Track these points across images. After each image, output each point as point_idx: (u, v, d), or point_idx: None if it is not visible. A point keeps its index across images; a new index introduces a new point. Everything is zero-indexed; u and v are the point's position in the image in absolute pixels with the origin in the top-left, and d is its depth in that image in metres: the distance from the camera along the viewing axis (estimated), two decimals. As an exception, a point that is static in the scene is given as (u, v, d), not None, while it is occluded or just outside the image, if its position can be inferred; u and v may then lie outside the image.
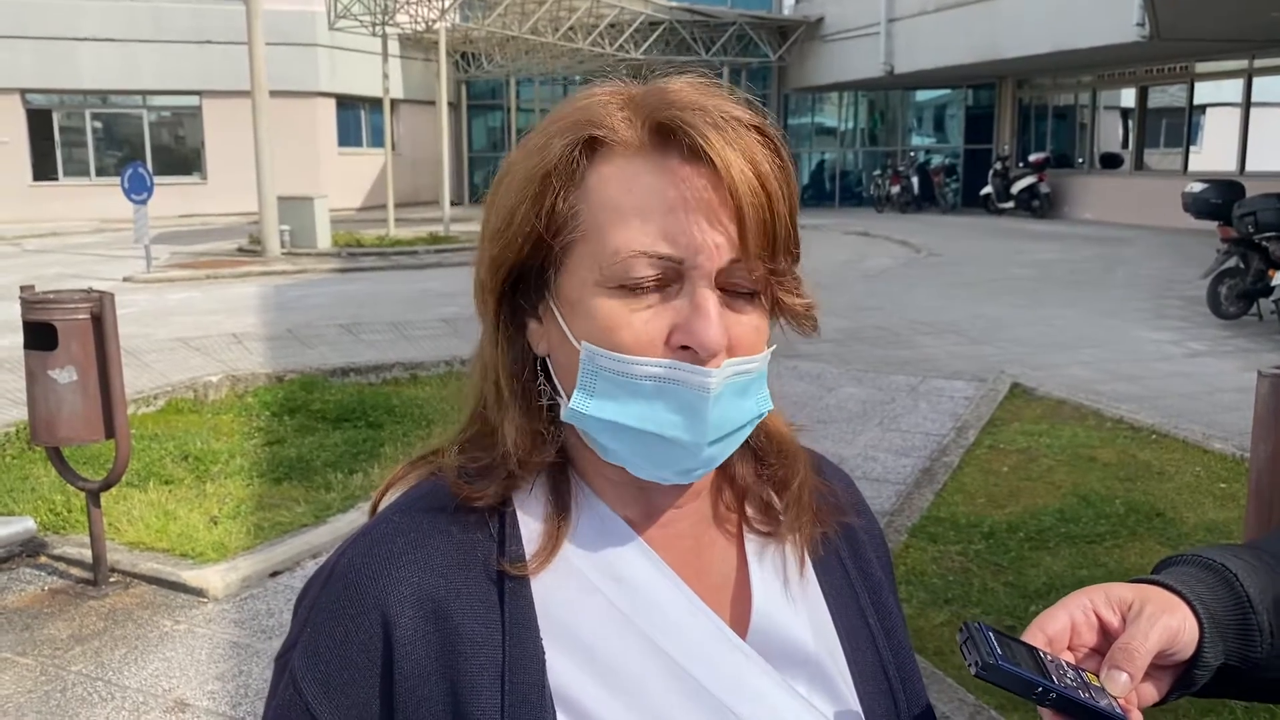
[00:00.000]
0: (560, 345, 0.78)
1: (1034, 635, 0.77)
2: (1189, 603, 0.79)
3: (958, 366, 8.52)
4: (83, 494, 4.65)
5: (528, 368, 0.82)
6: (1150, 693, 0.78)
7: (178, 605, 4.33)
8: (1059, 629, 0.78)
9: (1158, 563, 0.87)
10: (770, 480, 0.88)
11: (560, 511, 0.81)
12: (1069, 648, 0.78)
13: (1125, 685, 0.74)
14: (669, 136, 0.74)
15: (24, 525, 4.86)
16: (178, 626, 4.15)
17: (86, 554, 4.59)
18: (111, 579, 4.53)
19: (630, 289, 0.74)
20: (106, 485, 4.55)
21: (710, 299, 0.74)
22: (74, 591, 4.48)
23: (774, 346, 0.80)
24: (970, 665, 0.72)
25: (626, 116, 0.76)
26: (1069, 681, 0.72)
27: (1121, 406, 7.12)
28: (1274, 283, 9.39)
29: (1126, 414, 6.90)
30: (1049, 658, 0.74)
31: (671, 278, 0.74)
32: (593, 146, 0.75)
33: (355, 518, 5.14)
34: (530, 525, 0.81)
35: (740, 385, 0.76)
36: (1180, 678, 0.79)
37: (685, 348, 0.74)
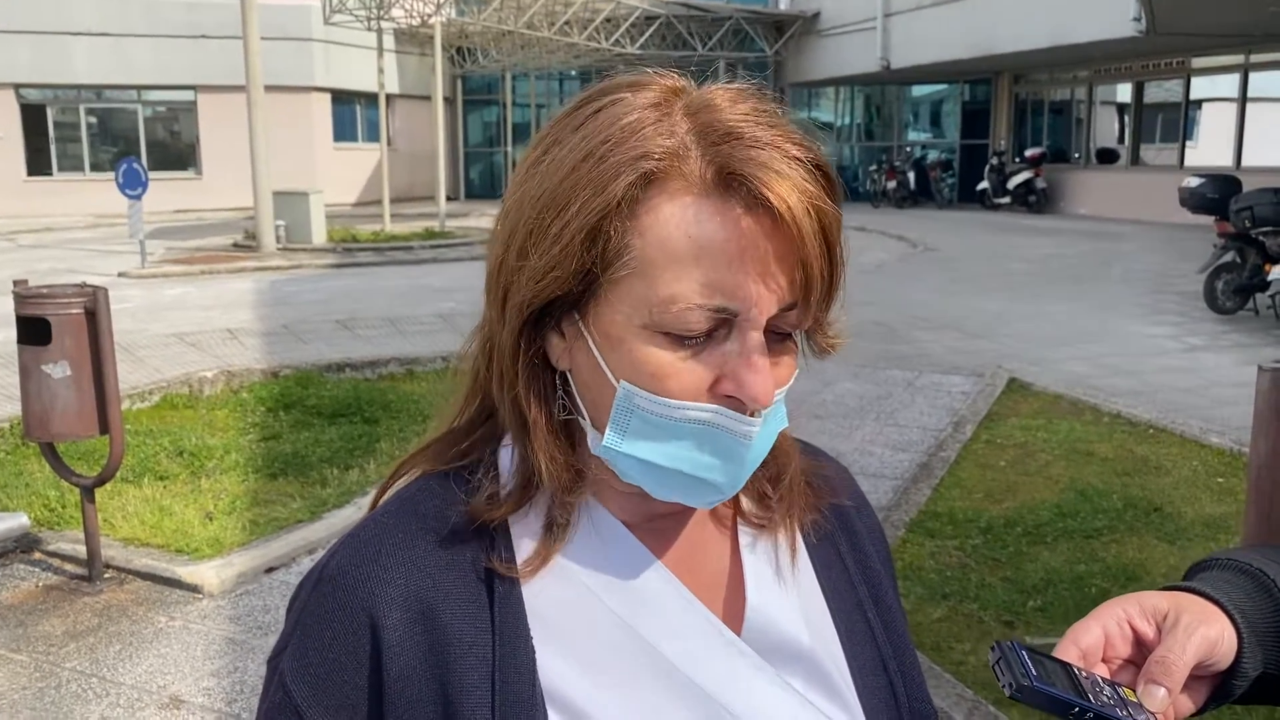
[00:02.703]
0: (589, 371, 0.75)
1: (1067, 649, 0.75)
2: (1226, 611, 0.76)
3: (955, 361, 8.51)
4: (77, 490, 4.63)
5: (548, 384, 0.79)
6: (1186, 704, 0.76)
7: (172, 601, 4.32)
8: (1092, 642, 0.75)
9: (1190, 566, 0.85)
10: (764, 473, 0.87)
11: (554, 518, 0.79)
12: (1103, 659, 0.76)
13: (1163, 700, 0.72)
14: (733, 178, 0.70)
15: (18, 521, 4.85)
16: (173, 623, 4.13)
17: (81, 550, 4.57)
18: (106, 575, 4.52)
19: (679, 337, 0.71)
20: (101, 481, 4.54)
21: (759, 350, 0.72)
22: (68, 588, 4.46)
23: (796, 372, 0.78)
24: (1004, 687, 0.70)
25: (689, 146, 0.71)
26: (1105, 699, 0.70)
27: (1119, 401, 7.12)
28: (1271, 277, 9.40)
29: (1124, 409, 6.90)
30: (1084, 674, 0.72)
31: (719, 325, 0.72)
32: (648, 179, 0.70)
33: (351, 513, 5.12)
34: (524, 529, 0.80)
35: (769, 415, 0.75)
36: (1217, 688, 0.77)
37: (729, 395, 0.72)
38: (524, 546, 0.79)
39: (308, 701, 0.77)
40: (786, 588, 0.85)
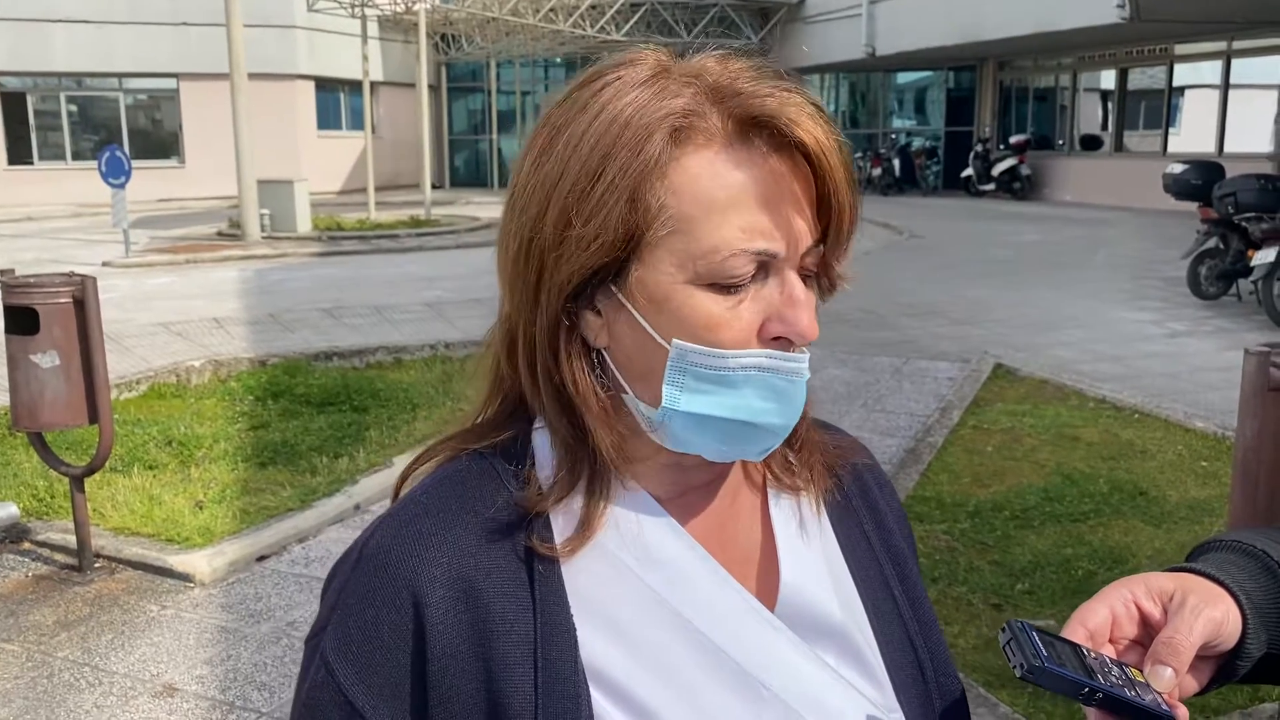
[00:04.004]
0: (633, 340, 0.76)
1: (1075, 630, 0.76)
2: (1231, 592, 0.77)
3: (941, 348, 8.55)
4: (66, 479, 4.62)
5: (590, 364, 0.79)
6: (1191, 684, 0.77)
7: (164, 590, 4.31)
8: (1100, 623, 0.77)
9: (1194, 547, 0.86)
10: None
11: (593, 498, 0.80)
12: (1109, 640, 0.77)
13: (1170, 681, 0.74)
14: (757, 127, 0.73)
15: (7, 511, 4.83)
16: (164, 612, 4.13)
17: (71, 540, 4.56)
18: (97, 565, 4.51)
19: (725, 286, 0.74)
20: (90, 470, 4.52)
21: (800, 286, 0.75)
22: (59, 578, 4.46)
23: None
24: (1015, 667, 0.71)
25: (703, 103, 0.74)
26: (1114, 679, 0.72)
27: (1104, 386, 7.17)
28: (1253, 263, 9.44)
29: (1109, 394, 6.95)
30: (1092, 654, 0.74)
31: (758, 269, 0.74)
32: (675, 136, 0.73)
33: (341, 502, 5.13)
34: (562, 509, 0.80)
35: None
36: (1221, 668, 0.78)
37: (777, 337, 0.75)
38: (562, 526, 0.80)
39: (351, 680, 0.77)
40: (815, 555, 0.86)
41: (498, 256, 0.81)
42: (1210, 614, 0.75)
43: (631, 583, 0.79)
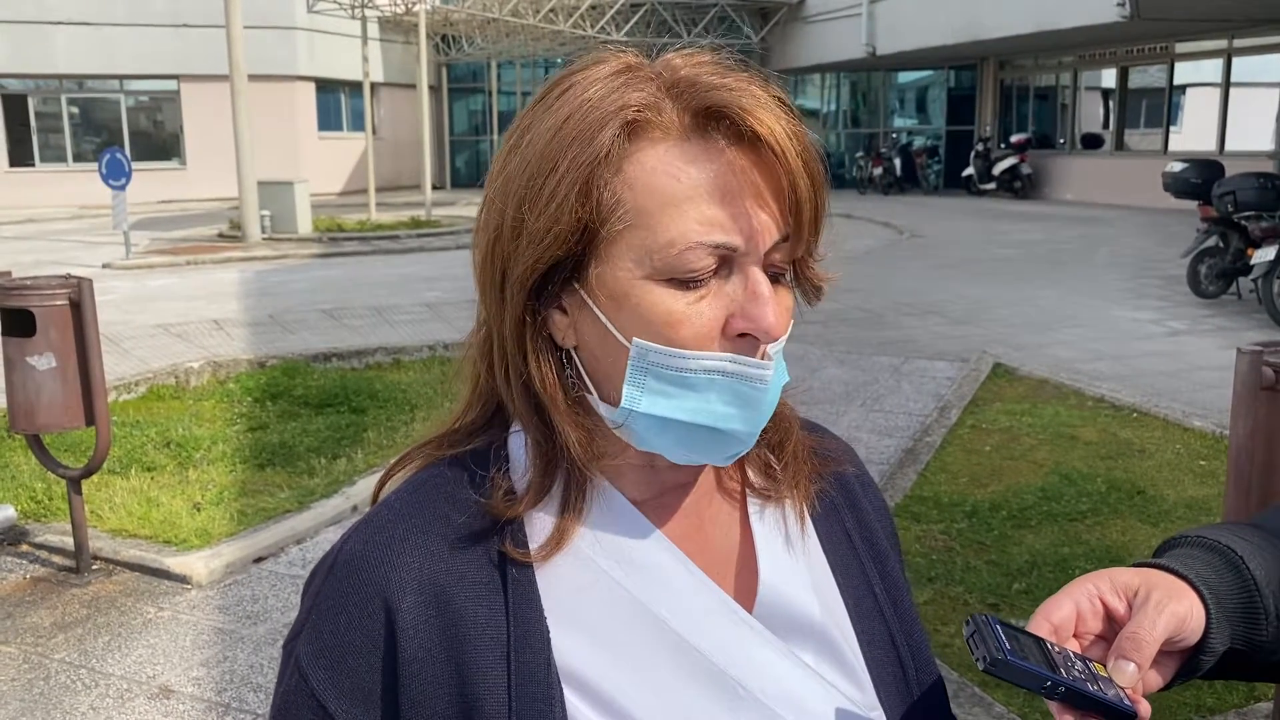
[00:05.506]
0: (598, 339, 0.76)
1: (1039, 624, 0.76)
2: (1195, 588, 0.77)
3: (940, 347, 8.55)
4: (63, 481, 4.62)
5: (556, 363, 0.79)
6: (1155, 679, 0.77)
7: (161, 592, 4.32)
8: (1064, 617, 0.77)
9: (1160, 544, 0.86)
10: (767, 443, 0.88)
11: (568, 502, 0.80)
12: (1074, 635, 0.77)
13: (1133, 675, 0.73)
14: (714, 120, 0.72)
15: (4, 513, 4.83)
16: (161, 613, 4.13)
17: (68, 542, 4.56)
18: (94, 566, 4.51)
19: (684, 281, 0.72)
20: (88, 472, 4.53)
21: (764, 282, 0.73)
22: (56, 579, 4.46)
23: (792, 324, 0.80)
24: (978, 660, 0.71)
25: (661, 98, 0.73)
26: (1077, 673, 0.72)
27: (1102, 385, 7.16)
28: (1253, 261, 9.44)
29: (1108, 393, 6.95)
30: (1056, 649, 0.73)
31: (720, 265, 0.73)
32: (629, 130, 0.73)
33: (339, 503, 5.13)
34: (537, 515, 0.80)
35: (777, 362, 0.76)
36: (1185, 663, 0.78)
37: (742, 335, 0.74)
38: (537, 531, 0.79)
39: (324, 685, 0.77)
40: (796, 558, 0.86)
41: (472, 259, 0.82)
42: (1174, 609, 0.75)
43: (606, 585, 0.78)
